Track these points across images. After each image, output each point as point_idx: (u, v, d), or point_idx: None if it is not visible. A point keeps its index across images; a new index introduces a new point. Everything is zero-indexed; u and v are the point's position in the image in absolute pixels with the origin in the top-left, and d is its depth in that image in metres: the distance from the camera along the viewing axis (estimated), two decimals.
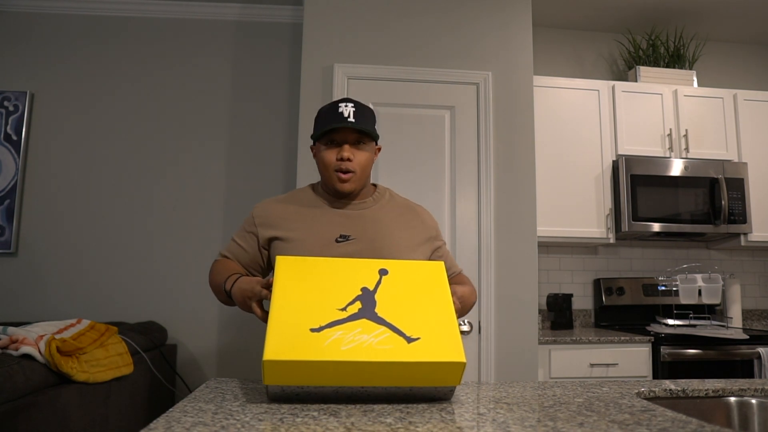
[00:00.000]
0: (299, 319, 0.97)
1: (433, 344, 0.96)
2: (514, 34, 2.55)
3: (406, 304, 1.02)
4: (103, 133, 2.85)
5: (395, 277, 1.07)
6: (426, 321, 1.00)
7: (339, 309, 0.99)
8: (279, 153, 2.91)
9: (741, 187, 2.80)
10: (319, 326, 0.96)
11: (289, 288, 1.02)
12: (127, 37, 2.93)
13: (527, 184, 2.45)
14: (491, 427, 0.83)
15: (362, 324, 0.97)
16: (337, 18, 2.47)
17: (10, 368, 1.38)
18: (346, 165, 1.29)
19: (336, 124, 1.27)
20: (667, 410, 0.93)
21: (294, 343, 0.93)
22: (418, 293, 1.05)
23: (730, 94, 2.96)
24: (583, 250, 3.12)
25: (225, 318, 2.77)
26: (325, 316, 0.98)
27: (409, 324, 0.99)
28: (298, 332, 0.95)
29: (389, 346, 0.94)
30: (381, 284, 1.05)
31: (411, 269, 1.09)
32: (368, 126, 1.30)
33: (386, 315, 0.99)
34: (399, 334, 0.97)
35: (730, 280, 2.88)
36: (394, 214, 1.39)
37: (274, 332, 0.94)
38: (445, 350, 0.96)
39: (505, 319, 2.34)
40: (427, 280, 1.08)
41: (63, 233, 2.75)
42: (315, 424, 0.82)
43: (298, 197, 1.42)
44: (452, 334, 0.99)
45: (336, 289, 1.03)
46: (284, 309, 0.98)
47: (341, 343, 0.94)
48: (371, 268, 1.08)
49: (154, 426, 0.79)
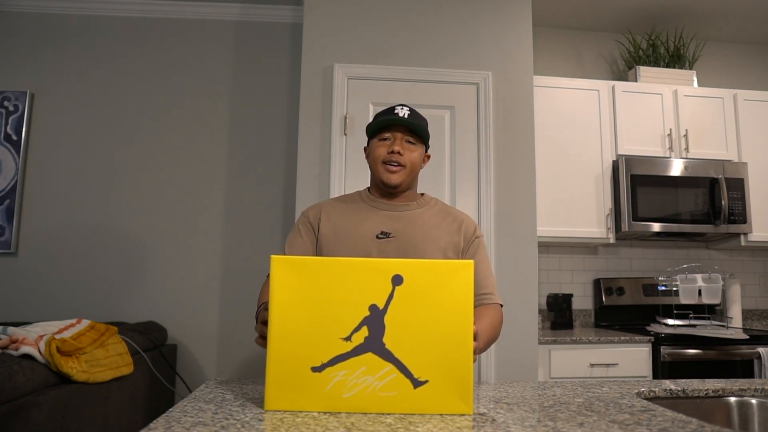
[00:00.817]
0: (299, 351, 0.90)
1: (440, 390, 0.90)
2: (514, 34, 2.55)
3: (419, 328, 0.91)
4: (103, 133, 2.85)
5: (411, 286, 0.92)
6: (438, 353, 0.90)
7: (343, 339, 0.90)
8: (279, 153, 2.91)
9: (741, 187, 2.80)
10: (320, 364, 0.90)
11: (287, 306, 0.92)
12: (127, 37, 2.93)
13: (527, 184, 2.45)
14: (491, 427, 0.83)
15: (367, 360, 0.90)
16: (337, 18, 2.47)
17: (10, 368, 1.38)
18: (396, 158, 1.36)
19: (390, 117, 1.35)
20: (667, 410, 0.93)
21: (294, 386, 0.90)
22: (436, 309, 0.91)
23: (730, 94, 2.96)
24: (583, 250, 3.12)
25: (225, 318, 2.77)
26: (327, 349, 0.90)
27: (418, 359, 0.90)
28: (298, 371, 0.90)
29: (393, 393, 0.89)
30: (393, 299, 0.91)
31: (431, 272, 0.93)
32: (421, 125, 1.38)
33: (394, 346, 0.90)
34: (406, 375, 0.90)
35: (730, 280, 2.88)
36: (436, 218, 1.43)
37: (274, 373, 0.90)
38: (453, 400, 0.90)
39: (505, 318, 2.32)
40: (449, 286, 0.92)
41: (63, 233, 2.75)
42: (315, 424, 0.82)
43: (345, 198, 1.50)
44: (463, 376, 0.90)
45: (341, 307, 0.91)
46: (282, 338, 0.91)
47: (343, 388, 0.89)
48: (384, 273, 0.92)
49: (154, 426, 0.78)
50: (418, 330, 0.91)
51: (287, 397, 0.90)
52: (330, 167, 2.35)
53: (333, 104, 2.38)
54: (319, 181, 2.36)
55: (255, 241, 2.81)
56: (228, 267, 2.80)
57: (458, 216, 1.46)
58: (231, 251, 2.82)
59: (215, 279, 2.79)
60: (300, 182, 2.35)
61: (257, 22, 3.00)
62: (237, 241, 2.82)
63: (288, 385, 0.90)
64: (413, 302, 0.91)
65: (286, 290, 0.92)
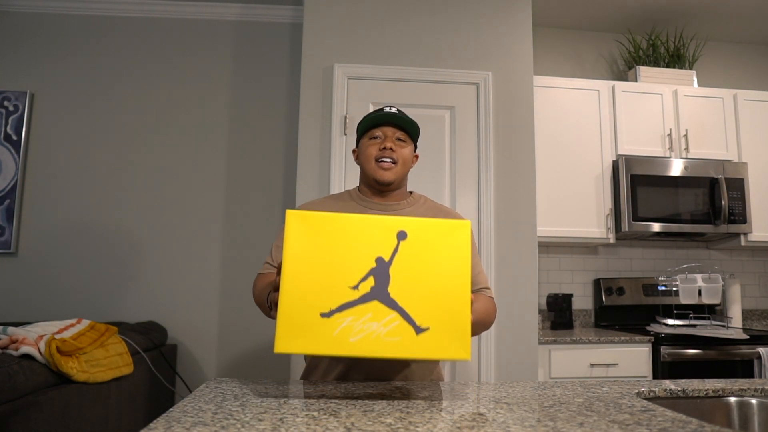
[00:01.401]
0: (309, 298, 0.96)
1: (441, 337, 0.96)
2: (514, 34, 2.55)
3: (421, 280, 0.98)
4: (103, 132, 2.85)
5: (414, 241, 0.99)
6: (439, 303, 0.97)
7: (351, 287, 0.96)
8: (279, 153, 2.91)
9: (741, 187, 2.80)
10: (329, 310, 0.95)
11: (300, 256, 0.98)
12: (127, 37, 2.93)
13: (527, 184, 2.45)
14: (491, 427, 0.83)
15: (373, 307, 0.96)
16: (337, 18, 2.47)
17: (10, 368, 1.38)
18: (389, 154, 1.36)
19: (380, 115, 1.38)
20: (667, 410, 0.93)
21: (304, 330, 0.94)
22: (436, 263, 0.99)
23: (730, 94, 2.96)
24: (583, 250, 3.12)
25: (225, 318, 2.77)
26: (336, 297, 0.96)
27: (420, 308, 0.97)
28: (307, 317, 0.95)
29: (397, 338, 0.95)
30: (398, 252, 0.99)
31: (432, 230, 1.01)
32: (411, 123, 1.41)
33: (398, 295, 0.97)
34: (409, 322, 0.96)
35: (730, 280, 2.88)
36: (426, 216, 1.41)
37: (284, 318, 0.95)
38: (453, 346, 0.96)
39: (505, 319, 2.34)
40: (449, 244, 1.00)
41: (63, 233, 2.75)
42: (315, 424, 0.82)
43: (334, 197, 1.49)
44: (462, 324, 0.97)
45: (349, 258, 0.98)
46: (294, 285, 0.96)
47: (350, 332, 0.95)
48: (390, 229, 1.00)
49: (154, 426, 0.78)
50: (421, 281, 0.98)
51: (297, 341, 0.94)
52: (330, 167, 2.35)
53: (333, 104, 2.38)
54: (319, 181, 2.36)
55: (255, 242, 2.82)
56: (228, 267, 2.80)
57: (449, 213, 1.47)
58: (231, 251, 2.82)
59: (215, 279, 2.79)
60: (300, 182, 2.35)
61: (257, 22, 3.00)
62: (237, 241, 2.82)
63: (298, 330, 0.95)
64: (416, 256, 0.99)
65: (298, 242, 0.98)
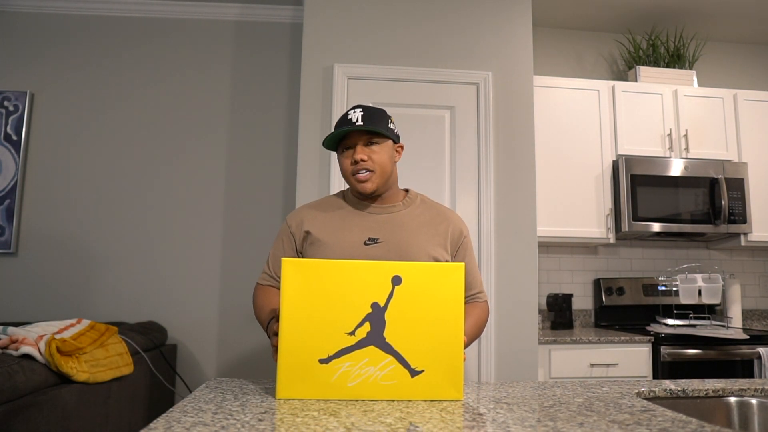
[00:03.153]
0: (308, 345, 0.99)
1: (435, 379, 1.00)
2: (514, 34, 2.55)
3: (416, 323, 1.01)
4: (103, 133, 2.85)
5: (409, 286, 1.02)
6: (433, 346, 1.01)
7: (347, 333, 1.00)
8: (279, 153, 2.91)
9: (741, 187, 2.80)
10: (327, 356, 0.99)
11: (297, 303, 1.00)
12: (127, 37, 2.93)
13: (527, 184, 2.45)
14: (491, 427, 0.83)
15: (369, 353, 1.00)
16: (337, 18, 2.47)
17: (10, 368, 1.38)
18: (362, 165, 1.31)
19: (342, 129, 1.30)
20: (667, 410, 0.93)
21: (303, 377, 0.99)
22: (431, 306, 1.02)
23: (730, 94, 2.96)
24: (583, 250, 3.12)
25: (225, 318, 2.77)
26: (333, 343, 0.99)
27: (415, 351, 1.00)
28: (306, 364, 0.99)
29: (393, 382, 0.99)
30: (393, 298, 1.01)
31: (427, 274, 1.03)
32: (377, 126, 1.31)
33: (394, 340, 1.00)
34: (404, 366, 1.00)
35: (730, 280, 2.88)
36: (423, 218, 1.40)
37: (285, 365, 0.99)
38: (446, 388, 1.00)
39: (505, 318, 2.34)
40: (442, 286, 1.03)
41: (63, 233, 2.75)
42: (315, 424, 0.82)
43: (328, 202, 1.45)
44: (455, 366, 1.01)
45: (345, 304, 1.00)
46: (292, 333, 1.00)
47: (348, 377, 0.99)
48: (384, 274, 1.02)
49: (154, 426, 0.78)
50: (415, 325, 1.01)
51: (297, 386, 0.99)
52: (330, 167, 2.34)
53: (333, 104, 2.38)
54: (319, 181, 2.36)
55: (255, 242, 2.81)
56: (228, 267, 2.80)
57: (446, 215, 1.44)
58: (231, 251, 2.82)
59: (215, 279, 2.79)
60: (300, 182, 2.35)
61: (257, 22, 3.00)
62: (237, 242, 2.82)
63: (298, 376, 0.99)
64: (411, 300, 1.02)
65: (295, 289, 1.01)
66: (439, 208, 1.46)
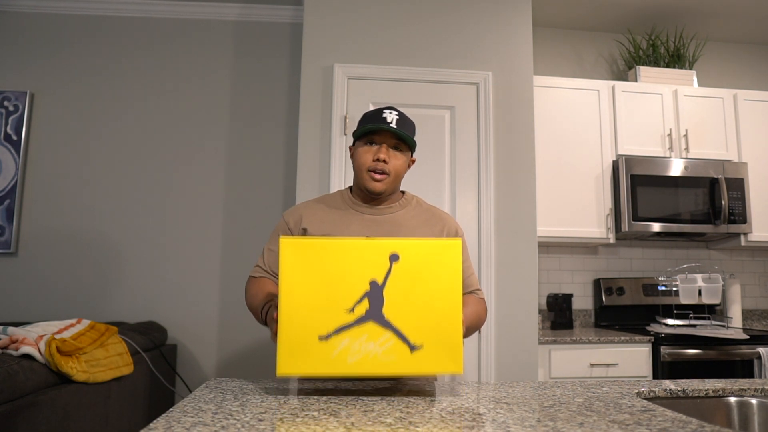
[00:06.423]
0: (307, 323, 0.99)
1: (434, 354, 1.00)
2: (514, 34, 2.55)
3: (414, 299, 1.02)
4: (103, 132, 2.85)
5: (406, 263, 1.03)
6: (432, 321, 1.01)
7: (347, 310, 1.00)
8: (279, 153, 2.91)
9: (741, 187, 2.80)
10: (326, 333, 0.99)
11: (296, 282, 1.01)
12: (127, 37, 2.93)
13: (527, 184, 2.45)
14: (491, 427, 0.83)
15: (369, 329, 1.00)
16: (337, 18, 2.47)
17: (10, 368, 1.38)
18: (382, 166, 1.34)
19: (378, 125, 1.33)
20: (667, 410, 0.93)
21: (304, 354, 0.98)
22: (428, 282, 1.03)
23: (730, 94, 2.96)
24: (583, 250, 3.12)
25: (225, 318, 2.77)
26: (332, 320, 0.99)
27: (414, 327, 1.01)
28: (307, 341, 0.99)
29: (393, 357, 1.00)
30: (390, 275, 1.02)
31: (424, 251, 1.05)
32: (408, 133, 1.35)
33: (392, 316, 1.01)
34: (403, 341, 1.00)
35: (730, 280, 2.88)
36: (419, 219, 1.42)
37: (285, 343, 0.99)
38: (445, 361, 1.01)
39: (505, 319, 2.34)
40: (440, 263, 1.04)
41: (63, 233, 2.75)
42: (315, 424, 0.82)
43: (326, 200, 1.46)
44: (454, 340, 1.01)
45: (344, 283, 1.01)
46: (292, 311, 1.00)
47: (348, 353, 0.99)
48: (382, 252, 1.03)
49: (154, 426, 0.79)
50: (413, 301, 1.02)
51: (297, 363, 0.98)
52: (330, 167, 2.35)
53: (333, 104, 2.38)
54: (319, 181, 2.36)
55: (255, 242, 2.81)
56: (228, 267, 2.80)
57: (441, 216, 1.46)
58: (231, 251, 2.82)
59: (215, 279, 2.79)
60: (300, 182, 2.35)
61: (257, 22, 3.00)
62: (237, 241, 2.82)
63: (298, 353, 0.98)
64: (409, 277, 1.03)
65: (294, 269, 1.01)
66: (434, 210, 1.48)
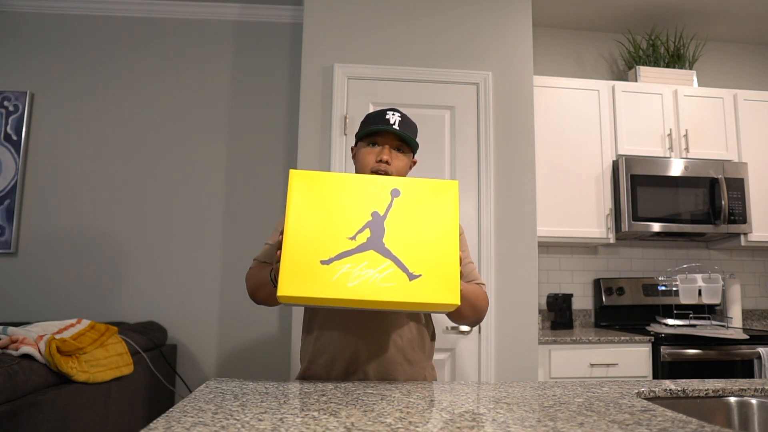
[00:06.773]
0: (310, 247, 1.03)
1: (432, 283, 1.03)
2: (514, 34, 2.55)
3: (413, 232, 1.06)
4: (103, 132, 2.85)
5: (407, 198, 1.08)
6: (430, 253, 1.05)
7: (348, 238, 1.04)
8: (279, 153, 2.91)
9: (741, 187, 2.80)
10: (328, 258, 1.02)
11: (301, 210, 1.05)
12: (128, 37, 2.93)
13: (527, 184, 2.45)
14: (491, 427, 0.83)
15: (369, 256, 1.03)
16: (337, 18, 2.47)
17: (10, 368, 1.38)
18: (384, 167, 1.36)
19: (381, 126, 1.35)
20: (667, 410, 0.93)
21: (305, 276, 1.01)
22: (427, 218, 1.08)
23: (730, 94, 2.96)
24: (583, 250, 3.12)
25: (225, 318, 2.77)
26: (334, 246, 1.03)
27: (413, 257, 1.04)
28: (308, 264, 1.02)
29: (392, 284, 1.02)
30: (391, 208, 1.07)
31: (424, 189, 1.10)
32: (411, 134, 1.39)
33: (393, 245, 1.05)
34: (402, 270, 1.03)
35: (730, 280, 2.88)
36: None
37: (287, 265, 1.02)
38: (443, 291, 1.04)
39: (505, 319, 2.34)
40: (438, 201, 1.09)
41: (63, 233, 2.75)
42: (315, 424, 0.82)
43: None
44: (451, 272, 1.05)
45: (347, 212, 1.06)
46: (296, 237, 1.04)
47: (348, 278, 1.02)
48: (384, 187, 1.09)
49: (154, 426, 0.79)
50: (413, 233, 1.06)
51: (298, 284, 1.01)
52: (330, 167, 2.35)
53: (333, 104, 2.38)
54: None
55: (255, 242, 2.81)
56: (228, 267, 2.80)
57: None
58: (231, 251, 2.82)
59: (215, 279, 2.79)
60: None
61: (257, 22, 3.00)
62: (237, 241, 2.82)
63: (299, 276, 1.02)
64: (408, 211, 1.08)
65: (300, 198, 1.07)
66: None
